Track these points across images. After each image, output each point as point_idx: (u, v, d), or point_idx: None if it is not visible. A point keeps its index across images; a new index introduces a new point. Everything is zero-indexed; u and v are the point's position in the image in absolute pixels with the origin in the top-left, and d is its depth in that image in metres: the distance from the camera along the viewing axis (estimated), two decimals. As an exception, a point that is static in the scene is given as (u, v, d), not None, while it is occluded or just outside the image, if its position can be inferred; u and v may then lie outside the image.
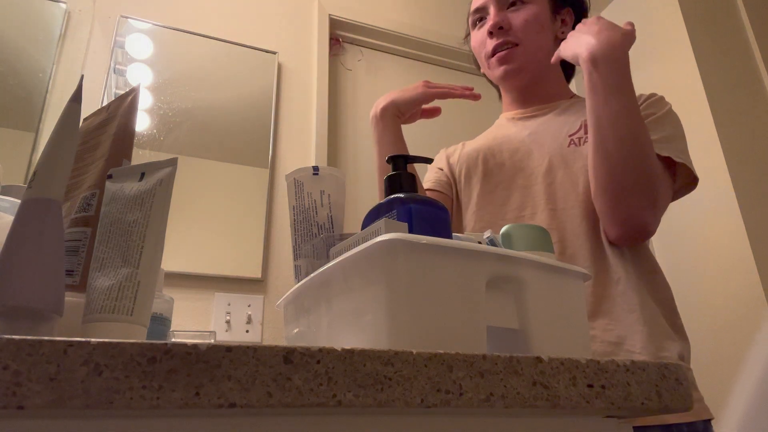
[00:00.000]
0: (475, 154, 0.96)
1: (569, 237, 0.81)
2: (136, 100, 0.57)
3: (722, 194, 1.77)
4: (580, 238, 0.80)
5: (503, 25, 0.92)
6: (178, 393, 0.26)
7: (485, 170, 0.93)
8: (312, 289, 0.49)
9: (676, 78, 1.97)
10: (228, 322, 1.40)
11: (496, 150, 0.94)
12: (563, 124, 0.90)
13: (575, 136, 0.87)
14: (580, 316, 0.48)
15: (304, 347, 0.29)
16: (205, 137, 1.58)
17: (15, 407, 0.24)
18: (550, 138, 0.89)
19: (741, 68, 1.97)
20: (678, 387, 0.38)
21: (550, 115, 0.94)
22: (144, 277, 0.41)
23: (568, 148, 0.86)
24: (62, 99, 1.41)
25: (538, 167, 0.88)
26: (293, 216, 0.59)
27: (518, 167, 0.90)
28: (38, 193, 0.39)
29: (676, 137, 0.82)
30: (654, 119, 0.82)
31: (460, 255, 0.40)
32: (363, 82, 1.91)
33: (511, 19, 0.92)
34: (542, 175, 0.86)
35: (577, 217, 0.81)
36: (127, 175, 0.46)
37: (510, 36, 0.92)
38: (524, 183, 0.88)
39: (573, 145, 0.86)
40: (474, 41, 0.99)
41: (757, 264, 1.64)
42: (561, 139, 0.88)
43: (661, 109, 0.85)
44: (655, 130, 0.80)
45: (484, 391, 0.32)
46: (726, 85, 1.92)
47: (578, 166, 0.84)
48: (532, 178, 0.88)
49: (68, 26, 1.51)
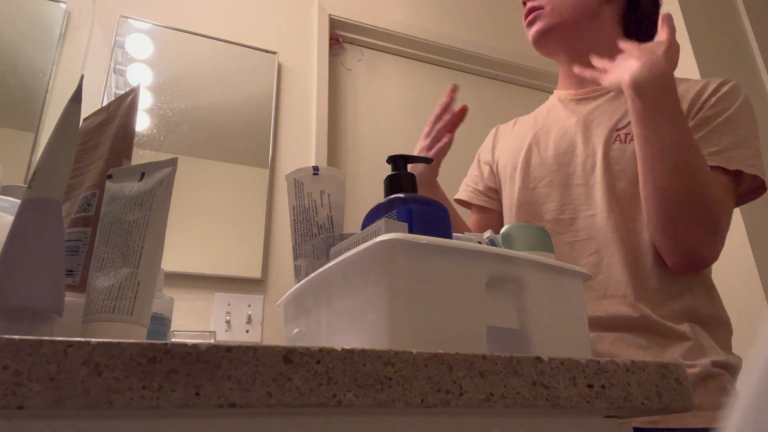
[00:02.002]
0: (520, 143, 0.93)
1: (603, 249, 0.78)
2: (136, 100, 0.57)
3: (722, 194, 1.77)
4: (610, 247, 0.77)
5: None
6: (178, 393, 0.26)
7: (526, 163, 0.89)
8: (312, 289, 0.49)
9: (676, 78, 1.97)
10: (228, 322, 1.40)
11: (542, 139, 0.90)
12: (614, 112, 0.83)
13: (622, 131, 0.80)
14: (580, 316, 0.48)
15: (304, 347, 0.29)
16: (205, 137, 1.58)
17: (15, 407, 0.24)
18: (598, 129, 0.83)
19: (741, 68, 1.97)
20: (678, 387, 0.38)
21: (603, 100, 0.87)
22: (144, 277, 0.41)
23: (613, 145, 0.80)
24: (62, 99, 1.41)
25: (581, 165, 0.83)
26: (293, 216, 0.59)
27: (561, 162, 0.85)
28: (38, 193, 0.39)
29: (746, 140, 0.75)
30: (722, 121, 0.76)
31: (460, 255, 0.40)
32: (363, 82, 1.91)
33: None
34: (583, 175, 0.82)
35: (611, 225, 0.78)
36: (127, 175, 0.46)
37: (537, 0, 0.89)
38: (565, 181, 0.84)
39: (618, 142, 0.80)
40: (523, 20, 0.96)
41: (757, 264, 1.64)
42: (608, 132, 0.81)
43: (733, 104, 0.77)
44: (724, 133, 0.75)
45: (484, 391, 0.32)
46: (726, 85, 1.92)
47: (620, 167, 0.79)
48: (573, 177, 0.83)
49: (68, 26, 1.51)
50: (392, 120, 1.89)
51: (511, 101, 2.09)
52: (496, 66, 2.06)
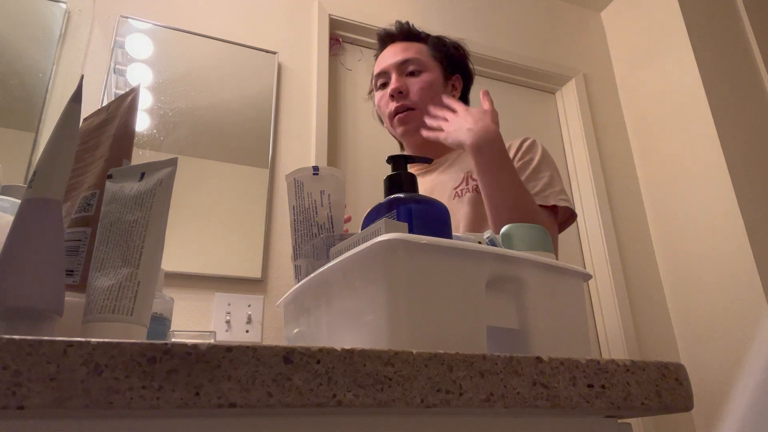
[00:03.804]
0: None
1: None
2: (136, 100, 0.57)
3: (722, 194, 1.77)
4: None
5: (402, 90, 1.06)
6: (178, 393, 0.26)
7: None
8: (312, 289, 0.49)
9: (676, 78, 1.97)
10: (228, 322, 1.40)
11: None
12: (450, 178, 1.04)
13: (458, 188, 1.01)
14: (580, 316, 0.48)
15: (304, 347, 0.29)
16: (205, 137, 1.58)
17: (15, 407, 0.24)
18: (441, 192, 1.03)
19: (741, 68, 1.97)
20: (678, 387, 0.38)
21: (440, 170, 1.08)
22: (144, 277, 0.41)
23: (453, 201, 0.99)
24: (62, 99, 1.41)
25: None
26: (293, 216, 0.59)
27: None
28: (38, 193, 0.39)
29: (553, 180, 0.96)
30: (533, 169, 0.96)
31: (460, 255, 0.40)
32: (363, 82, 1.91)
33: (409, 84, 1.07)
34: None
35: None
36: (127, 175, 0.46)
37: (408, 100, 1.06)
38: None
39: (456, 197, 1.00)
40: (378, 100, 1.12)
41: (757, 264, 1.64)
42: (448, 192, 1.02)
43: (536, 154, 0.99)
44: (536, 178, 0.95)
45: (484, 391, 0.32)
46: (726, 85, 1.92)
47: (460, 215, 0.96)
48: None
49: (68, 26, 1.51)
50: (392, 120, 1.89)
51: (511, 101, 2.09)
52: (495, 66, 2.06)
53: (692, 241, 1.85)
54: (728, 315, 1.69)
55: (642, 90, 2.14)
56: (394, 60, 1.09)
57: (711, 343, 1.73)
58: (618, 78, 2.28)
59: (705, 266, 1.80)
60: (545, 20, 2.26)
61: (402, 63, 1.08)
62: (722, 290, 1.73)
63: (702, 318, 1.78)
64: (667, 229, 1.96)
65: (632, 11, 2.22)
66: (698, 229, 1.83)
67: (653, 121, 2.06)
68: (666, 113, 2.00)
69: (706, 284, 1.79)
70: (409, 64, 1.08)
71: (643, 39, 2.16)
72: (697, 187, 1.85)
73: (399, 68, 1.08)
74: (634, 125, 2.17)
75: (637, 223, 2.04)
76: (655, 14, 2.10)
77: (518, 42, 2.14)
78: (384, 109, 1.11)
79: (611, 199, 2.04)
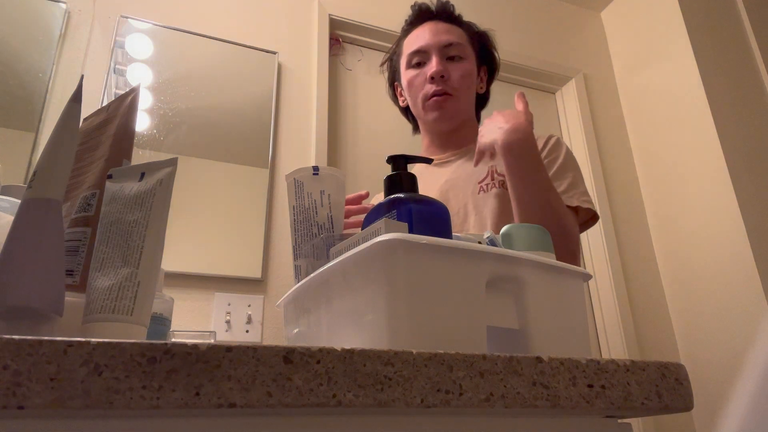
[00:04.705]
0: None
1: None
2: (136, 100, 0.57)
3: (722, 194, 1.77)
4: None
5: (445, 74, 1.01)
6: (178, 393, 0.26)
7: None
8: (312, 289, 0.49)
9: (676, 78, 1.97)
10: (228, 322, 1.40)
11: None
12: (473, 171, 1.00)
13: (483, 183, 0.98)
14: (580, 316, 0.48)
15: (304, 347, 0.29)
16: (205, 137, 1.58)
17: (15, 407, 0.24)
18: (463, 185, 1.00)
19: (741, 68, 1.97)
20: (678, 387, 0.38)
21: (461, 161, 1.04)
22: (144, 277, 0.41)
23: (478, 195, 0.97)
24: (62, 99, 1.41)
25: (455, 215, 0.97)
26: (293, 216, 0.59)
27: None
28: (38, 193, 0.39)
29: (577, 181, 0.95)
30: (558, 168, 0.95)
31: (460, 255, 0.40)
32: (363, 82, 1.91)
33: (451, 70, 1.02)
34: (459, 224, 0.96)
35: None
36: (127, 175, 0.46)
37: (448, 86, 1.02)
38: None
39: (482, 192, 0.97)
40: (413, 78, 1.05)
41: (757, 264, 1.64)
42: (472, 186, 0.99)
43: (561, 153, 0.97)
44: (561, 177, 0.93)
45: (484, 391, 0.32)
46: (726, 85, 1.92)
47: (487, 210, 0.94)
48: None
49: (68, 26, 1.51)
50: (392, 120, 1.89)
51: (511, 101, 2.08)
52: (496, 66, 2.06)
53: (692, 241, 1.85)
54: (728, 315, 1.69)
55: (642, 90, 2.14)
56: (437, 40, 1.03)
57: (711, 343, 1.73)
58: (618, 78, 2.28)
59: (705, 266, 1.80)
60: (545, 20, 2.26)
61: (446, 46, 1.03)
62: (722, 290, 1.73)
63: (702, 318, 1.78)
64: (667, 229, 1.96)
65: (632, 11, 2.22)
66: (698, 229, 1.83)
67: (653, 121, 2.06)
68: (666, 113, 2.00)
69: (706, 284, 1.79)
70: (453, 49, 1.03)
71: (643, 39, 2.16)
72: (697, 186, 1.85)
73: (442, 50, 1.03)
74: (634, 125, 2.17)
75: (637, 223, 2.04)
76: (655, 14, 2.10)
77: (518, 42, 2.14)
78: (418, 90, 1.04)
79: (611, 199, 2.04)
